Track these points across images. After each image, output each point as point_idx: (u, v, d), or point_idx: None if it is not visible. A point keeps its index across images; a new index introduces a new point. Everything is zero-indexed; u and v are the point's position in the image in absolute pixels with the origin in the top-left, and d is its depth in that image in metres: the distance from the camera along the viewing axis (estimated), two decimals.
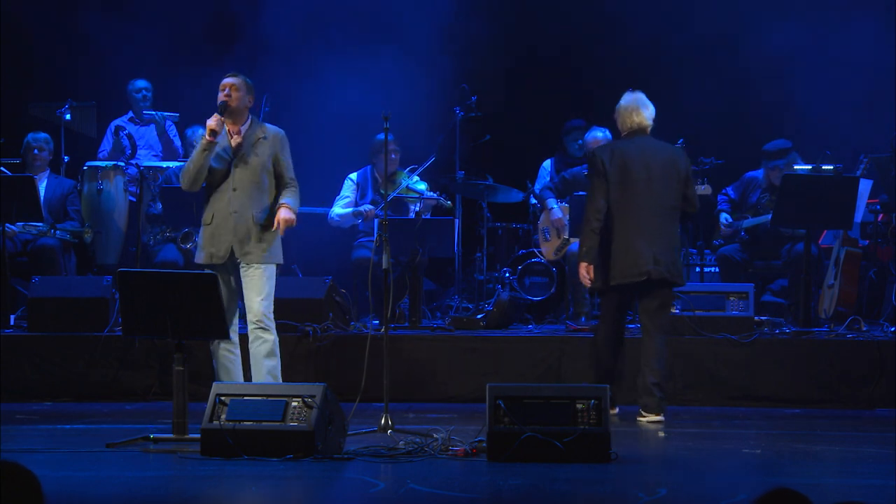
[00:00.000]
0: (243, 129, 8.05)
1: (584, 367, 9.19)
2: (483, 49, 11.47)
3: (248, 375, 8.04)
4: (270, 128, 8.15)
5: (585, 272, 8.18)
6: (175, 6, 11.89)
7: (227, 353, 7.97)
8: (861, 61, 11.00)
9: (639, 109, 8.30)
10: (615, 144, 8.46)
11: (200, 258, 8.06)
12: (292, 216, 8.00)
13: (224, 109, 7.96)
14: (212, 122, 7.92)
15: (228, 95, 8.00)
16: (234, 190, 7.97)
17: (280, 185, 8.08)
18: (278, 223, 7.95)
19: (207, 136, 7.88)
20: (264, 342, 7.97)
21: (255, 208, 7.97)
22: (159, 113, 11.16)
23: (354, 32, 11.35)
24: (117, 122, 11.22)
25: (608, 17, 11.64)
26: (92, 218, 10.53)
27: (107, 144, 11.18)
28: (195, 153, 7.97)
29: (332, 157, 10.42)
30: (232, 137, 8.03)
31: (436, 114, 10.96)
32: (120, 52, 11.47)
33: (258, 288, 7.93)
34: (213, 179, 8.00)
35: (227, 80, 8.05)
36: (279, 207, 7.99)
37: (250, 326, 7.98)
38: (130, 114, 11.31)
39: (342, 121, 11.04)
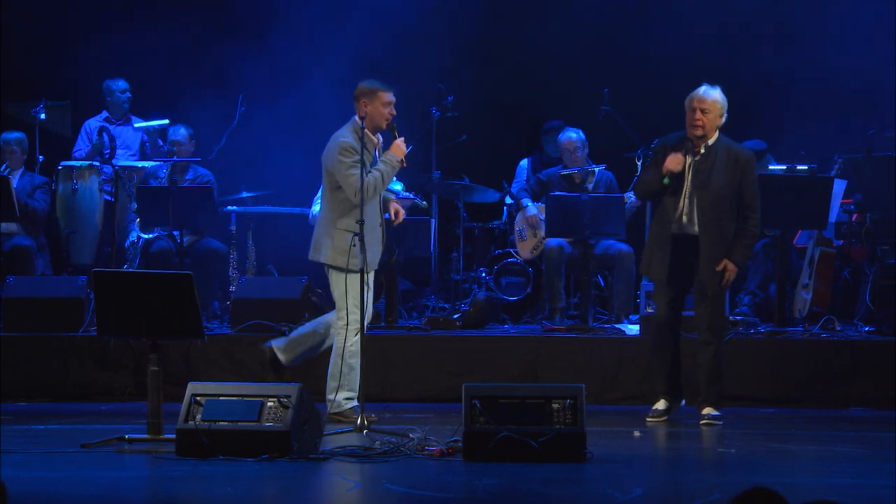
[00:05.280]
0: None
1: (560, 366, 9.21)
2: (459, 48, 11.46)
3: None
4: None
5: None
6: (155, 8, 11.86)
7: None
8: (837, 61, 11.03)
9: None
10: None
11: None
12: None
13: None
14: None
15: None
16: None
17: None
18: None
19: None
20: None
21: None
22: (150, 125, 11.02)
23: (333, 31, 11.33)
24: (93, 121, 11.13)
25: (586, 16, 11.64)
26: (67, 217, 10.50)
27: (82, 144, 11.11)
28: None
29: (313, 158, 10.36)
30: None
31: (412, 114, 10.93)
32: (95, 51, 11.42)
33: None
34: None
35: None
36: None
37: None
38: (105, 113, 11.23)
39: (321, 121, 11.02)
